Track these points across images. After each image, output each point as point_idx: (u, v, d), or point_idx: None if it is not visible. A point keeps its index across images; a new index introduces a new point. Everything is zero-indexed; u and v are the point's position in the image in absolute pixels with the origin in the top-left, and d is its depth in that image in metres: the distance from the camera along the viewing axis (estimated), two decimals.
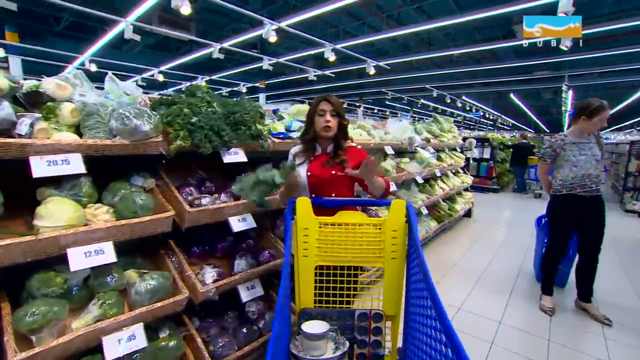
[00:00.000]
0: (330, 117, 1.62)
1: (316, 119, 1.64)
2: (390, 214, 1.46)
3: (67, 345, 1.22)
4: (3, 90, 1.21)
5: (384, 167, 3.25)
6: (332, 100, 1.63)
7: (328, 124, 1.61)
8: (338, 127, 1.67)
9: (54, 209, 1.25)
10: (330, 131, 1.64)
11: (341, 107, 1.68)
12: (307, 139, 1.70)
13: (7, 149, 1.17)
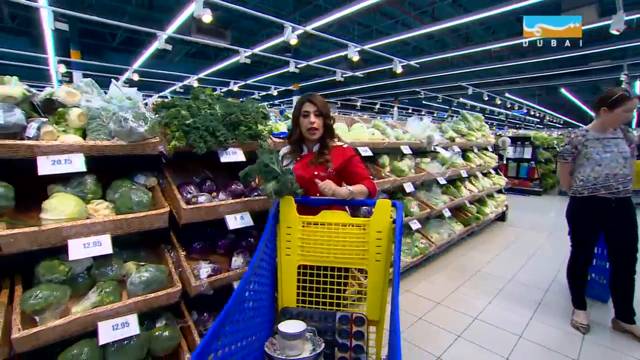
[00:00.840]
0: (315, 118, 1.63)
1: (301, 120, 1.66)
2: (375, 214, 1.42)
3: (66, 327, 1.34)
4: (17, 98, 1.37)
5: (399, 167, 3.16)
6: (315, 100, 1.64)
7: (313, 125, 1.62)
8: (323, 127, 1.66)
9: (57, 203, 1.38)
10: (316, 133, 1.64)
11: (325, 106, 1.67)
12: (294, 140, 1.72)
13: (17, 150, 1.32)
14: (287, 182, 1.46)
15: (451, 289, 3.00)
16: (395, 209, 1.45)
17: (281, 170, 1.49)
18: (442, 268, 3.47)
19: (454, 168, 3.95)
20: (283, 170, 1.48)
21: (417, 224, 3.29)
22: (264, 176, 1.47)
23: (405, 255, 3.17)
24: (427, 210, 3.45)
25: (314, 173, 1.63)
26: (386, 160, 3.19)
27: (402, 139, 3.36)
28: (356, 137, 2.89)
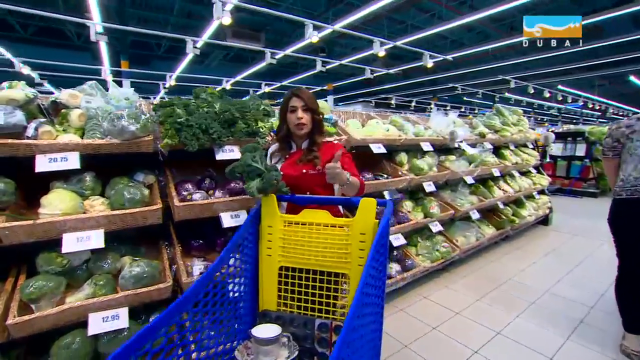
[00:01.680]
0: (302, 113, 1.56)
1: (288, 116, 1.59)
2: (359, 214, 1.31)
3: (58, 316, 1.41)
4: (19, 100, 1.47)
5: (417, 165, 2.96)
6: (302, 95, 1.57)
7: (300, 121, 1.55)
8: (312, 122, 1.59)
9: (53, 199, 1.46)
10: (304, 128, 1.58)
11: (313, 101, 1.60)
12: (281, 137, 1.66)
13: (17, 149, 1.42)
14: (272, 180, 1.41)
15: (474, 298, 2.74)
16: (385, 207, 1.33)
17: (266, 167, 1.44)
18: (467, 275, 3.20)
19: (485, 166, 3.63)
20: (267, 168, 1.44)
21: (438, 226, 3.06)
22: (247, 175, 1.43)
23: (424, 259, 2.97)
24: (450, 211, 3.20)
25: (302, 171, 1.56)
26: (404, 157, 3.01)
27: (423, 135, 3.15)
28: (368, 133, 2.76)
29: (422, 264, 2.87)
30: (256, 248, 1.43)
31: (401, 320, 2.45)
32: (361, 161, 2.82)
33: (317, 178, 1.56)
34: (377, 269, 1.17)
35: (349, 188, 1.49)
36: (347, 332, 0.84)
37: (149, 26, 9.88)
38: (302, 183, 1.56)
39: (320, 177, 1.55)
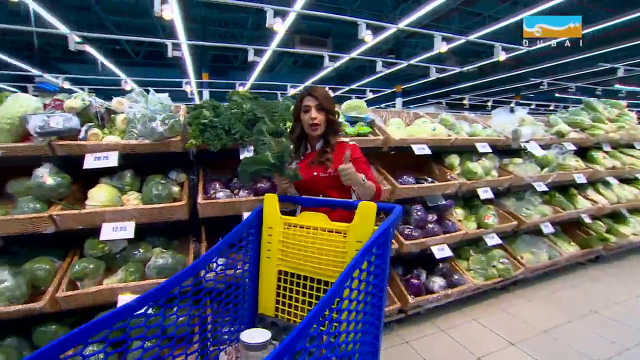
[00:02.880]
0: (316, 113, 1.49)
1: (302, 115, 1.54)
2: (356, 220, 1.19)
3: (95, 295, 1.61)
4: (77, 108, 1.72)
5: (469, 168, 2.62)
6: (316, 93, 1.51)
7: (314, 121, 1.49)
8: (326, 122, 1.52)
9: (96, 192, 1.68)
10: (318, 128, 1.51)
11: (328, 100, 1.52)
12: (295, 138, 1.62)
13: (71, 148, 1.67)
14: (286, 152, 1.39)
15: (539, 329, 2.29)
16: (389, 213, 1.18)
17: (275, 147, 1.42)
18: (533, 299, 2.70)
19: (564, 171, 3.03)
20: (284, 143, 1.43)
21: (495, 239, 2.66)
22: (257, 147, 1.43)
23: (476, 275, 2.60)
24: (512, 222, 2.75)
25: (314, 174, 1.50)
26: (454, 160, 2.70)
27: (479, 135, 2.78)
28: (411, 133, 2.54)
29: (473, 281, 2.51)
30: (258, 249, 1.41)
31: (440, 342, 2.18)
32: (402, 163, 2.62)
33: (329, 181, 1.48)
34: (365, 282, 1.04)
35: (364, 191, 1.41)
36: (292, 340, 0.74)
37: (226, 41, 10.93)
38: (315, 186, 1.50)
39: (333, 180, 1.47)
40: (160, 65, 12.68)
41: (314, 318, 0.80)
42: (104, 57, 9.62)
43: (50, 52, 11.24)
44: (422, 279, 2.43)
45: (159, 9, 3.85)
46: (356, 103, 2.47)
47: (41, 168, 1.64)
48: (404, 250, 2.28)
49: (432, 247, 2.38)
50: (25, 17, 7.04)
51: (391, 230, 1.14)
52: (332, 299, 0.87)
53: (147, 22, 9.68)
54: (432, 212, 2.54)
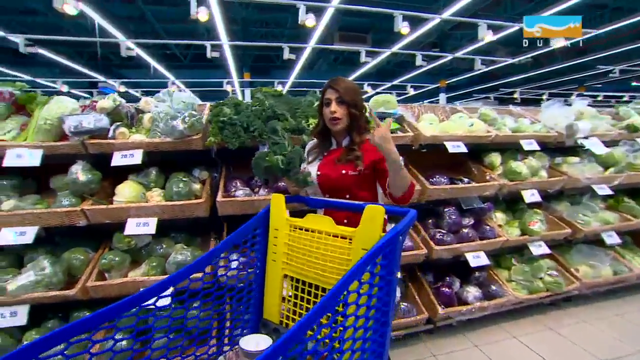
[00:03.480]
0: (336, 106, 1.37)
1: (323, 110, 1.44)
2: (362, 225, 1.09)
3: (120, 286, 1.69)
4: (108, 108, 1.82)
5: (512, 168, 2.35)
6: (337, 85, 1.38)
7: (333, 115, 1.37)
8: (349, 117, 1.39)
9: (122, 188, 1.76)
10: (339, 123, 1.39)
11: (351, 92, 1.39)
12: (318, 133, 1.52)
13: (101, 146, 1.76)
14: (297, 158, 1.32)
15: (598, 357, 1.97)
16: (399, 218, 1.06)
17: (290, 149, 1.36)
18: (588, 320, 2.35)
19: (635, 172, 2.61)
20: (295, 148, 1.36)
21: (542, 248, 2.36)
22: (270, 146, 1.37)
23: (519, 287, 2.33)
24: (565, 230, 2.42)
25: (342, 172, 1.39)
26: (495, 158, 2.44)
27: (524, 130, 2.48)
28: (445, 129, 2.34)
29: (515, 294, 2.25)
30: (265, 251, 1.37)
31: (472, 359, 1.98)
32: (434, 162, 2.43)
33: (359, 180, 1.37)
34: (367, 296, 0.94)
35: (398, 178, 1.25)
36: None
37: (267, 41, 11.17)
38: (341, 185, 1.39)
39: (363, 178, 1.37)
40: (206, 66, 13.32)
41: (294, 337, 0.72)
42: (156, 62, 10.37)
43: (112, 60, 12.38)
44: (455, 288, 2.23)
45: (195, 12, 4.02)
46: (384, 98, 2.33)
47: (75, 165, 1.75)
48: (434, 256, 2.11)
49: (467, 253, 2.18)
50: (91, 30, 7.82)
51: (400, 238, 1.02)
52: (318, 315, 0.78)
53: (194, 27, 10.21)
54: (468, 216, 2.32)
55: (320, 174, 1.44)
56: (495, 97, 14.61)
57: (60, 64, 10.48)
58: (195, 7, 4.08)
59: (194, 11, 4.09)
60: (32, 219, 1.69)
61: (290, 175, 1.34)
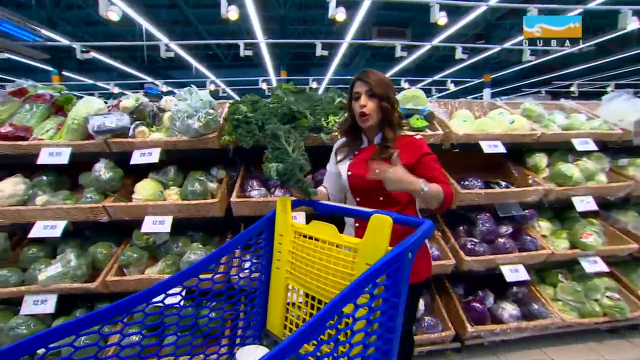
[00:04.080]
0: (366, 100, 1.25)
1: (352, 104, 1.32)
2: (367, 236, 0.96)
3: (137, 283, 1.73)
4: (130, 108, 1.86)
5: (561, 171, 2.05)
6: (368, 78, 1.26)
7: (363, 109, 1.26)
8: (380, 111, 1.27)
9: (140, 186, 1.79)
10: (369, 119, 1.27)
11: (382, 84, 1.26)
12: (346, 130, 1.40)
13: (123, 145, 1.81)
14: (296, 169, 1.22)
15: None
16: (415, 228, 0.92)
17: (294, 154, 1.26)
18: None
19: None
20: (296, 156, 1.24)
21: (598, 265, 2.04)
22: (270, 152, 1.26)
23: (567, 309, 2.04)
24: (629, 245, 2.07)
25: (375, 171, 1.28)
26: (540, 160, 2.15)
27: (578, 128, 2.16)
28: (481, 127, 2.11)
29: (562, 316, 1.97)
30: (270, 257, 1.30)
31: None
32: (469, 163, 2.21)
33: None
34: (366, 320, 0.82)
35: (427, 198, 1.15)
36: None
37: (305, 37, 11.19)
38: (375, 186, 1.25)
39: None
40: (245, 65, 13.69)
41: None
42: (198, 62, 10.85)
43: (160, 62, 13.20)
44: (488, 304, 2.01)
45: (225, 11, 4.09)
46: (413, 93, 2.15)
47: (98, 163, 1.81)
48: (464, 268, 1.91)
49: (502, 266, 1.94)
50: (140, 35, 8.38)
51: (410, 255, 0.88)
52: (302, 341, 0.68)
53: (235, 28, 10.52)
54: (507, 224, 2.07)
55: (351, 174, 1.33)
56: (547, 91, 13.29)
57: (116, 68, 11.39)
58: (226, 7, 4.16)
59: (224, 10, 4.16)
60: (61, 213, 1.78)
61: (290, 184, 1.24)
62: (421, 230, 0.93)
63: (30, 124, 1.93)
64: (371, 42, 8.38)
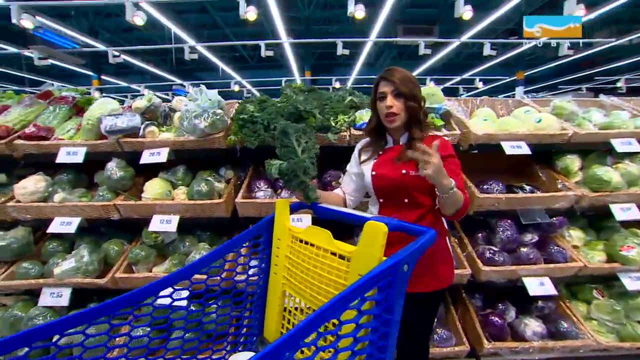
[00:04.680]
0: (393, 101, 1.21)
1: (378, 105, 1.28)
2: (360, 245, 0.89)
3: (144, 280, 1.74)
4: (141, 108, 1.89)
5: (597, 175, 1.85)
6: (393, 77, 1.22)
7: (390, 110, 1.22)
8: (407, 111, 1.23)
9: (149, 185, 1.81)
10: (396, 119, 1.23)
11: (408, 83, 1.22)
12: (371, 130, 1.36)
13: (134, 145, 1.84)
14: (299, 169, 1.16)
15: None
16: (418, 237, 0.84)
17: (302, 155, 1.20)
18: None
19: None
20: (303, 158, 1.19)
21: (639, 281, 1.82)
22: (278, 149, 1.22)
23: (602, 330, 1.83)
24: None
25: (402, 172, 1.23)
26: (572, 162, 1.95)
27: (619, 127, 1.94)
28: (503, 126, 1.95)
29: (596, 337, 1.76)
30: (269, 262, 1.25)
31: None
32: (491, 166, 2.06)
33: (420, 181, 1.18)
34: (352, 338, 0.75)
35: (449, 201, 1.12)
36: None
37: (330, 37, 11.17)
38: (400, 186, 1.24)
39: (424, 180, 1.18)
40: (271, 67, 13.89)
41: None
42: (225, 64, 11.12)
43: (189, 64, 13.68)
44: (509, 318, 1.85)
45: (244, 12, 4.14)
46: (428, 91, 2.03)
47: (110, 162, 1.86)
48: (482, 278, 1.77)
49: (525, 278, 1.78)
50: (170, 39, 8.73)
51: (404, 268, 0.80)
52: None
53: (260, 30, 10.68)
54: (532, 232, 1.90)
55: (376, 174, 1.30)
56: (589, 88, 12.33)
57: (148, 71, 11.95)
58: (245, 8, 4.21)
59: (243, 11, 4.21)
60: (76, 210, 1.84)
61: (292, 185, 1.19)
62: (421, 241, 0.86)
63: (52, 125, 2.02)
64: (394, 40, 8.18)
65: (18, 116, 2.07)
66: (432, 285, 1.26)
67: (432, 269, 1.24)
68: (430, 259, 1.18)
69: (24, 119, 2.08)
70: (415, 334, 1.32)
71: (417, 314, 1.25)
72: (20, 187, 1.86)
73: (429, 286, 1.25)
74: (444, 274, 1.29)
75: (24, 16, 4.31)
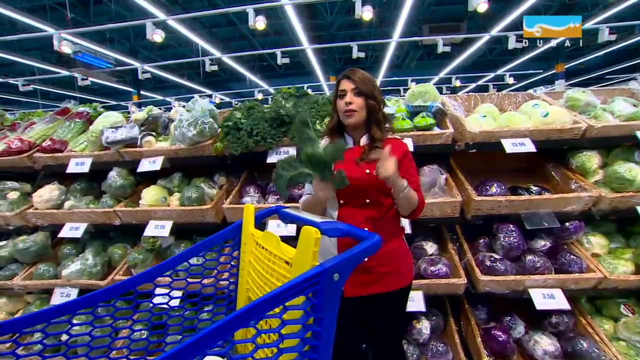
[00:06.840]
0: (353, 98, 1.21)
1: (337, 102, 1.27)
2: (298, 250, 0.86)
3: None
4: (140, 120, 1.99)
5: (620, 174, 1.64)
6: (353, 75, 1.23)
7: (349, 107, 1.21)
8: (366, 109, 1.22)
9: (146, 192, 1.90)
10: (353, 116, 1.22)
11: (368, 83, 1.23)
12: (331, 129, 1.34)
13: (132, 154, 1.94)
14: (341, 154, 1.10)
15: None
16: None
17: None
18: None
19: None
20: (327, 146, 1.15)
21: None
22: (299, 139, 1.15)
23: (631, 353, 1.60)
24: None
25: (366, 172, 1.21)
26: (589, 159, 1.74)
27: (633, 118, 1.71)
28: (505, 123, 1.80)
29: None
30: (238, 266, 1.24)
31: None
32: (492, 165, 1.91)
33: (382, 182, 1.16)
34: (274, 348, 0.71)
35: (404, 202, 1.19)
36: None
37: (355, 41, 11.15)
38: (362, 187, 1.22)
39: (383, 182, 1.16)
40: (298, 74, 14.14)
41: None
42: (253, 73, 11.50)
43: (221, 76, 14.33)
44: (515, 334, 1.68)
45: (253, 22, 4.25)
46: (421, 89, 1.93)
47: (112, 172, 1.97)
48: (480, 289, 1.62)
49: (532, 289, 1.61)
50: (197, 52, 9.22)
51: (335, 277, 0.75)
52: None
53: (286, 38, 10.94)
54: (544, 238, 1.72)
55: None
56: None
57: (182, 84, 12.69)
58: (254, 17, 4.33)
59: (252, 21, 4.33)
60: (83, 216, 1.98)
61: (326, 175, 1.13)
62: (358, 248, 0.80)
63: (66, 138, 2.19)
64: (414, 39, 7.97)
65: (39, 131, 2.27)
66: (394, 284, 1.24)
67: (394, 268, 1.24)
68: (391, 258, 1.22)
69: (44, 134, 2.28)
70: (384, 334, 1.32)
71: (383, 315, 1.27)
72: (37, 196, 2.03)
73: (391, 285, 1.23)
74: (405, 272, 1.28)
75: (64, 42, 4.78)
